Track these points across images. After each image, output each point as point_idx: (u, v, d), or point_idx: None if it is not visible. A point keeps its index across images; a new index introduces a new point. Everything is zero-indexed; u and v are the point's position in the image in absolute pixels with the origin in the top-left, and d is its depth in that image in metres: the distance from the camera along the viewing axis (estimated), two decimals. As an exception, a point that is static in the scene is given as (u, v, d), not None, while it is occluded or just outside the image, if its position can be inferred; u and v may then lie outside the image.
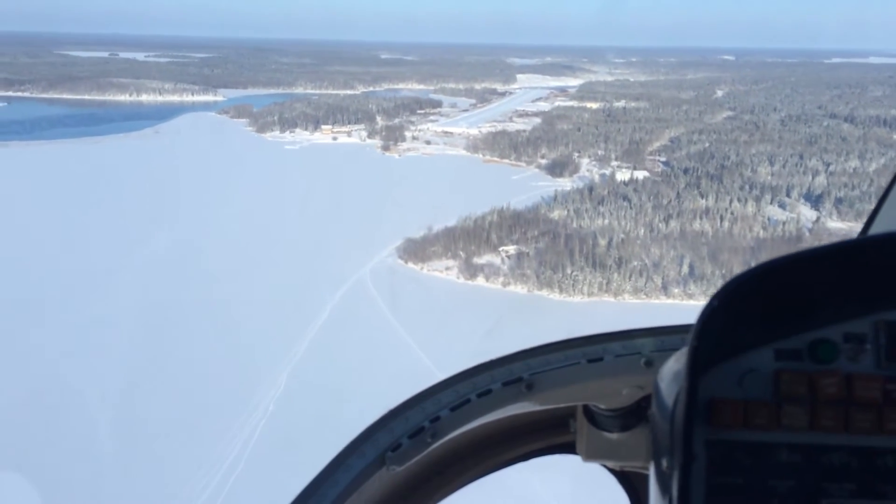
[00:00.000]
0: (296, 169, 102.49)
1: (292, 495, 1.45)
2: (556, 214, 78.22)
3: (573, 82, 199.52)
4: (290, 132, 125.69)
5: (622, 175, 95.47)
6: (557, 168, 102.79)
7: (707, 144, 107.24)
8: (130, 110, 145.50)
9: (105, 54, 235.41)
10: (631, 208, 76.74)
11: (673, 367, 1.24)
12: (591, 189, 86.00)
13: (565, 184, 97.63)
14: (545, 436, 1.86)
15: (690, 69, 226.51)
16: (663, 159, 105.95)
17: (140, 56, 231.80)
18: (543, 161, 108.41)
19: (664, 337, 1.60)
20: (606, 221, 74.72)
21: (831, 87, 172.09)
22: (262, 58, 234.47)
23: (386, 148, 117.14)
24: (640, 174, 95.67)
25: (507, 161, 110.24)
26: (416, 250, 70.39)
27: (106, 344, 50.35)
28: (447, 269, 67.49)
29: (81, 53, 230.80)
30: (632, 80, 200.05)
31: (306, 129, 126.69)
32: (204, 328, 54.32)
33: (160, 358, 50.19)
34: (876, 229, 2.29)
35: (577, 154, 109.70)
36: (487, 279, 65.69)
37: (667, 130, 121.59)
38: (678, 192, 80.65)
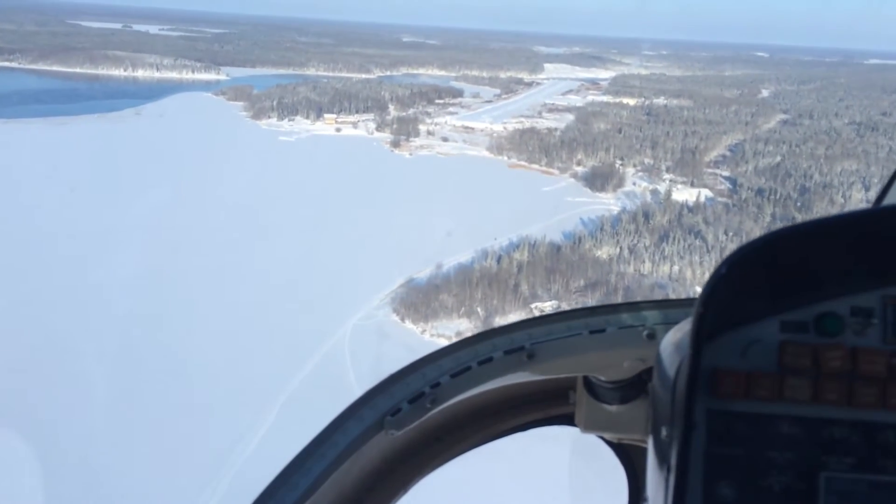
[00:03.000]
0: (286, 167, 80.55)
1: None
2: (604, 252, 56.04)
3: (604, 74, 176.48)
4: (289, 120, 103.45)
5: (680, 194, 72.81)
6: (598, 180, 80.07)
7: (779, 158, 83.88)
8: (118, 87, 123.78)
9: (117, 26, 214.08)
10: (708, 251, 54.25)
11: (676, 337, 1.18)
12: (646, 215, 63.54)
13: (608, 201, 75.23)
14: (544, 406, 1.79)
15: (726, 65, 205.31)
16: (726, 174, 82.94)
17: (153, 29, 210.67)
18: (580, 169, 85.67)
19: (668, 310, 1.50)
20: (676, 268, 52.53)
21: (887, 91, 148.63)
22: (279, 36, 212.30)
23: (396, 144, 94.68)
24: (702, 193, 73.04)
25: (536, 167, 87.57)
26: (419, 301, 48.65)
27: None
28: (458, 335, 45.51)
29: (93, 24, 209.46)
30: (667, 74, 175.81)
31: (307, 118, 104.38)
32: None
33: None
34: (890, 200, 2.01)
35: (619, 162, 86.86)
36: (515, 357, 43.59)
37: (723, 136, 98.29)
38: (767, 229, 57.82)
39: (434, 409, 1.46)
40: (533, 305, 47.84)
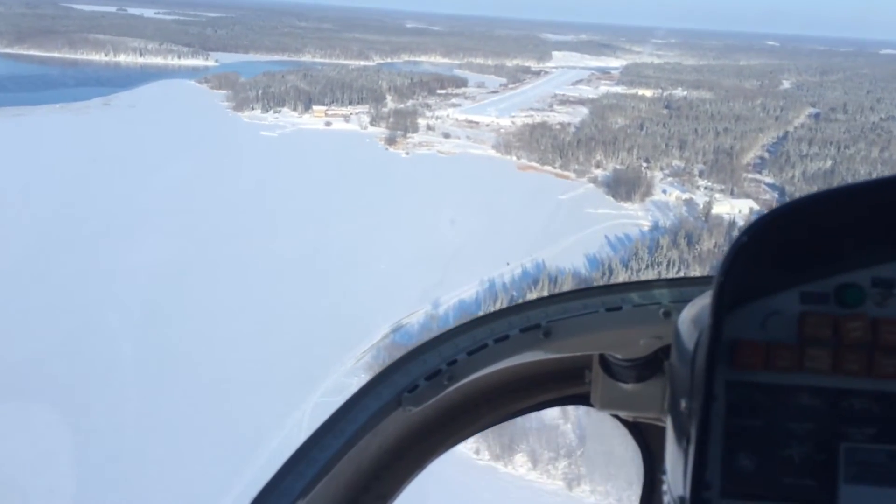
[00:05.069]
0: (262, 171, 67.12)
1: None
2: (643, 289, 42.81)
3: (615, 63, 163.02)
4: (274, 112, 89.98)
5: (721, 207, 59.53)
6: (622, 186, 66.56)
7: (829, 163, 70.24)
8: (94, 73, 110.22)
9: (112, 9, 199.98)
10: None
11: (694, 311, 1.14)
12: (689, 238, 50.19)
13: (637, 213, 61.88)
14: (560, 386, 1.73)
15: (739, 54, 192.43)
16: (769, 180, 69.49)
17: (149, 12, 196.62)
18: (600, 172, 72.22)
19: (684, 288, 1.44)
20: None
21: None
22: (277, 20, 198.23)
23: (391, 141, 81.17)
24: (748, 206, 59.60)
25: (549, 169, 74.16)
26: (406, 363, 35.53)
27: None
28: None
29: (85, 7, 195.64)
30: (681, 63, 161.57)
31: (294, 109, 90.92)
32: None
33: None
34: None
35: (645, 164, 73.49)
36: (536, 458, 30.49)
37: (759, 135, 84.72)
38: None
39: (451, 387, 1.42)
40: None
